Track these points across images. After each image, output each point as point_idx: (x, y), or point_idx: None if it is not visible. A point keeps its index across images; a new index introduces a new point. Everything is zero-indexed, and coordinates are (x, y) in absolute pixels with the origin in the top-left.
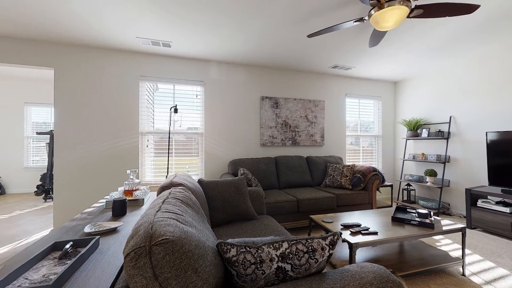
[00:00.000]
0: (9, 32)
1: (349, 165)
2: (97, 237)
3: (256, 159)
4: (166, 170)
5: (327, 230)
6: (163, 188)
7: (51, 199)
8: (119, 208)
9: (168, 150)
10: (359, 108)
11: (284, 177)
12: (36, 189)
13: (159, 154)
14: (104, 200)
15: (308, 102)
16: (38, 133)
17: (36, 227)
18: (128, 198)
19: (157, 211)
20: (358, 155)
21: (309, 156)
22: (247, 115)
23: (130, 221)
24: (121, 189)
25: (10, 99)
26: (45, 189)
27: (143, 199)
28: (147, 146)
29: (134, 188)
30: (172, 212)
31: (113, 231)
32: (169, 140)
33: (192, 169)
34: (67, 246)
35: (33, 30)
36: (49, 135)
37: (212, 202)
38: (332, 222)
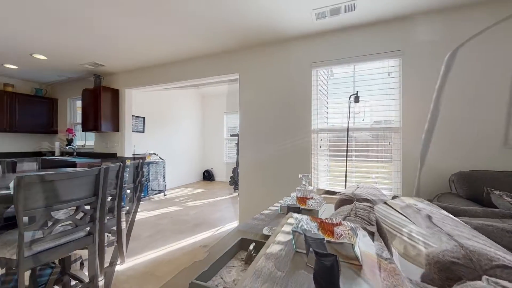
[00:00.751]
0: (208, 50)
1: None
2: None
3: None
4: (344, 179)
5: None
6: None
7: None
8: None
9: (346, 151)
10: None
11: None
12: (229, 179)
13: (334, 157)
14: (279, 205)
15: None
16: (231, 135)
17: (229, 215)
18: (301, 206)
19: None
20: None
21: None
22: (488, 94)
23: None
24: (293, 194)
25: (215, 111)
26: (234, 181)
27: (317, 210)
28: (319, 147)
29: (307, 196)
30: None
31: None
32: (347, 139)
33: (381, 180)
34: (251, 247)
35: (225, 42)
36: (237, 137)
37: None
38: None
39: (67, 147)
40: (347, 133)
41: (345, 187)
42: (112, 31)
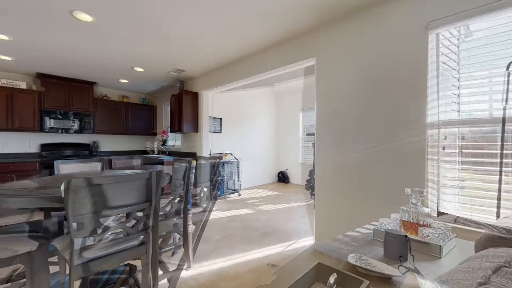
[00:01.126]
0: (277, 37)
1: None
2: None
3: None
4: (496, 201)
5: None
6: None
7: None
8: (395, 248)
9: (502, 157)
10: None
11: None
12: (305, 183)
13: (472, 164)
14: (372, 227)
15: None
16: (307, 134)
17: (304, 228)
18: (409, 235)
19: None
20: None
21: None
22: None
23: None
24: (394, 216)
25: (290, 109)
26: (311, 185)
27: (440, 247)
28: (442, 149)
29: (420, 222)
30: None
31: (387, 280)
32: (502, 137)
33: None
34: (331, 280)
35: (296, 20)
36: (313, 136)
37: None
38: None
39: (162, 147)
40: (503, 126)
41: (498, 216)
42: (181, 31)
